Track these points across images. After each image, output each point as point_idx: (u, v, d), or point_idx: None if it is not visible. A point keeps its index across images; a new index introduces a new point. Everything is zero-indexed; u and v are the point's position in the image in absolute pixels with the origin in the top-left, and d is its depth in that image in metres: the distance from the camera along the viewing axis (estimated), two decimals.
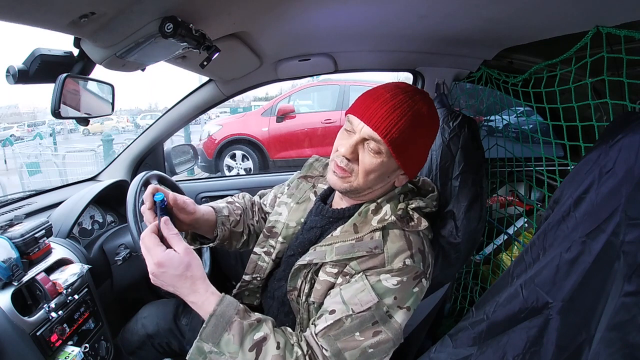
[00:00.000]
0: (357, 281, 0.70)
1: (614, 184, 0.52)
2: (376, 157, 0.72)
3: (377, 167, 0.73)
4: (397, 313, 0.69)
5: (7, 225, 0.94)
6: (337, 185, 0.78)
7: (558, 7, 0.77)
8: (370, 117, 0.70)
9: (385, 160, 0.72)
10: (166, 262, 0.65)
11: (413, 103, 0.71)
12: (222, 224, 0.93)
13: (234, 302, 0.68)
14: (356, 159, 0.74)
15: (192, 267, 0.66)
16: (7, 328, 0.78)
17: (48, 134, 11.05)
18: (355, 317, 0.67)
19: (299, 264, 0.77)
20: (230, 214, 0.97)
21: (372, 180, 0.75)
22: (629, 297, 0.46)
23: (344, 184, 0.76)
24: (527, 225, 1.51)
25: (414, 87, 0.75)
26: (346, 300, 0.69)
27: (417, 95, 0.73)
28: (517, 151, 1.32)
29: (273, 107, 5.30)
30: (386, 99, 0.71)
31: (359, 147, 0.73)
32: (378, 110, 0.70)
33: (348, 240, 0.74)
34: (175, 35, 0.68)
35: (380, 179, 0.76)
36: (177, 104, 1.59)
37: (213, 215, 0.93)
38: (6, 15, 0.58)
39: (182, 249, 0.67)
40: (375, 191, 0.79)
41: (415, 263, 0.71)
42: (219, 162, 5.19)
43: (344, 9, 0.90)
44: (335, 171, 0.76)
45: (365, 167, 0.73)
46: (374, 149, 0.71)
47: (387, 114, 0.70)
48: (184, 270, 0.65)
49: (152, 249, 0.66)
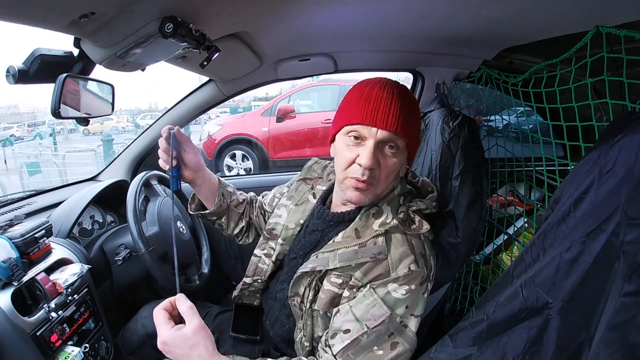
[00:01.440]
0: (365, 296, 0.70)
1: (614, 184, 0.52)
2: (396, 156, 0.72)
3: (398, 166, 0.74)
4: (411, 321, 0.70)
5: (7, 225, 0.94)
6: (361, 201, 0.75)
7: (558, 7, 0.77)
8: (381, 120, 0.69)
9: (401, 156, 0.73)
10: (170, 342, 0.65)
11: (397, 89, 0.72)
12: (222, 195, 0.95)
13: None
14: (378, 166, 0.72)
15: (198, 347, 0.65)
16: (7, 328, 0.78)
17: (48, 134, 11.04)
18: (370, 333, 0.68)
19: (301, 272, 0.77)
20: (234, 193, 1.01)
21: (391, 181, 0.75)
22: (629, 297, 0.46)
23: (368, 196, 0.74)
24: (527, 225, 1.51)
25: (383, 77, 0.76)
26: (359, 317, 0.69)
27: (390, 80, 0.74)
28: (517, 151, 1.31)
29: (273, 107, 5.30)
30: (382, 97, 0.70)
31: (377, 154, 0.71)
32: (384, 109, 0.69)
33: (351, 246, 0.73)
34: (175, 35, 0.68)
35: (396, 177, 0.77)
36: (177, 104, 1.59)
37: (216, 182, 0.96)
38: (6, 15, 0.58)
39: (192, 327, 0.65)
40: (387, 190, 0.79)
41: (420, 268, 0.71)
42: (219, 162, 5.19)
43: (344, 9, 0.90)
44: (358, 187, 0.72)
45: (388, 170, 0.73)
46: (392, 150, 0.71)
47: (393, 109, 0.69)
48: (189, 350, 0.65)
49: (160, 327, 0.66)
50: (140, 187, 1.12)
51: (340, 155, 0.75)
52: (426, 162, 1.05)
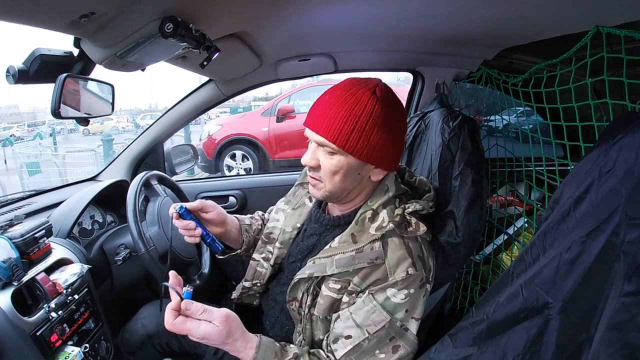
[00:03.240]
0: (365, 302, 0.71)
1: (614, 184, 0.52)
2: (332, 157, 0.72)
3: (337, 167, 0.72)
4: (411, 324, 0.71)
5: (7, 225, 0.94)
6: (315, 195, 0.80)
7: (558, 7, 0.77)
8: (313, 123, 0.73)
9: (342, 158, 0.72)
10: (206, 336, 0.67)
11: (350, 95, 0.70)
12: (245, 231, 0.99)
13: (270, 344, 0.73)
14: (319, 165, 0.75)
15: (231, 333, 0.69)
16: (7, 328, 0.78)
17: (48, 134, 11.04)
18: (372, 338, 0.70)
19: (299, 277, 0.77)
20: (252, 224, 1.03)
21: (340, 181, 0.74)
22: (629, 297, 0.46)
23: (318, 191, 0.78)
24: (527, 225, 1.51)
25: (359, 80, 0.73)
26: (359, 323, 0.70)
27: (356, 86, 0.71)
28: (517, 151, 1.31)
29: (273, 107, 5.31)
30: (325, 100, 0.73)
31: (318, 153, 0.75)
32: (318, 113, 0.72)
33: (347, 251, 0.73)
34: (175, 35, 0.68)
35: (348, 177, 0.74)
36: (177, 104, 1.59)
37: (237, 222, 0.98)
38: (6, 15, 0.58)
39: (218, 320, 0.67)
40: (355, 191, 0.78)
41: (418, 271, 0.71)
42: (219, 162, 5.19)
43: (344, 9, 0.90)
44: (310, 182, 0.80)
45: (326, 170, 0.74)
46: (328, 151, 0.72)
47: (324, 114, 0.71)
48: (224, 339, 0.68)
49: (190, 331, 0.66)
50: (140, 187, 1.12)
51: None
52: (426, 162, 1.05)
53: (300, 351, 0.74)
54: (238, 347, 0.70)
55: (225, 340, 0.68)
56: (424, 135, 1.14)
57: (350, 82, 0.73)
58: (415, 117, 1.22)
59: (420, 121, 1.19)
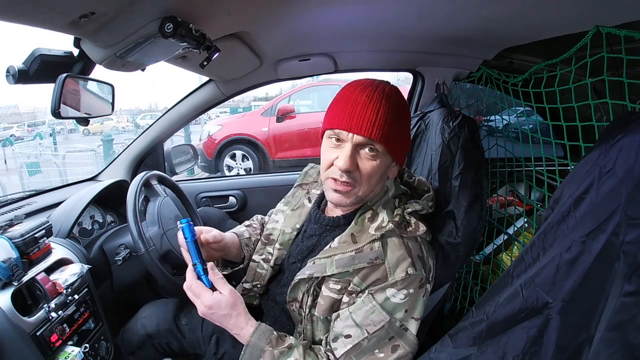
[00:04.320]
0: (364, 302, 0.71)
1: (614, 184, 0.52)
2: (375, 160, 0.72)
3: (378, 169, 0.73)
4: (411, 324, 0.72)
5: (7, 225, 0.93)
6: (342, 202, 0.76)
7: (558, 7, 0.77)
8: (356, 124, 0.70)
9: (382, 159, 0.73)
10: (214, 305, 0.73)
11: (380, 91, 0.72)
12: (246, 245, 0.98)
13: (268, 331, 0.75)
14: (356, 169, 0.73)
15: (237, 305, 0.74)
16: (7, 328, 0.78)
17: (48, 134, 11.04)
18: (371, 337, 0.70)
19: (299, 278, 0.77)
20: (251, 235, 1.02)
21: (374, 183, 0.75)
22: (629, 297, 0.46)
23: (349, 198, 0.75)
24: (527, 225, 1.51)
25: (372, 79, 0.76)
26: (359, 323, 0.71)
27: (376, 82, 0.75)
28: (517, 151, 1.31)
29: (273, 107, 5.30)
30: (359, 101, 0.71)
31: (357, 157, 0.72)
32: (359, 114, 0.70)
33: (347, 252, 0.73)
34: (175, 35, 0.68)
35: (380, 179, 0.77)
36: (177, 104, 1.59)
37: (237, 238, 0.98)
38: (6, 15, 0.58)
39: (228, 291, 0.74)
40: (374, 192, 0.79)
41: (417, 271, 0.71)
42: (219, 162, 5.19)
43: (344, 9, 0.90)
44: (337, 189, 0.74)
45: (367, 173, 0.73)
46: (371, 153, 0.72)
47: (368, 114, 0.70)
48: (230, 310, 0.73)
49: (201, 295, 0.73)
50: (140, 187, 1.12)
51: (323, 156, 0.78)
52: (426, 162, 1.05)
53: (296, 343, 0.74)
54: (240, 322, 0.74)
55: (231, 311, 0.73)
56: (424, 135, 1.14)
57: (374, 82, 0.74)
58: (415, 117, 1.22)
59: (420, 121, 1.19)
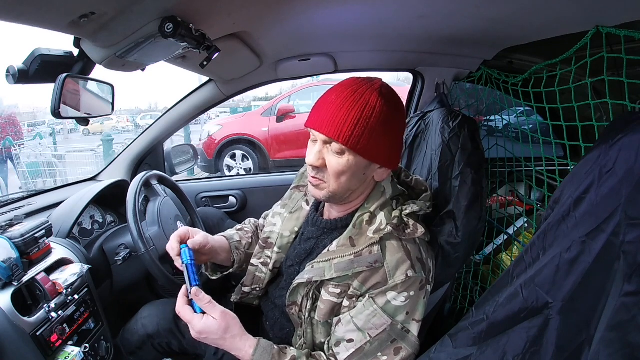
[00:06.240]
0: (365, 306, 0.71)
1: (614, 184, 0.52)
2: (340, 157, 0.71)
3: (345, 167, 0.72)
4: (412, 326, 0.72)
5: (7, 225, 0.93)
6: (316, 195, 0.78)
7: (558, 7, 0.77)
8: (321, 124, 0.70)
9: (350, 158, 0.71)
10: (205, 330, 0.71)
11: (359, 96, 0.70)
12: (236, 249, 0.97)
13: (268, 346, 0.74)
14: (324, 165, 0.73)
15: (230, 328, 0.72)
16: (7, 328, 0.78)
17: (48, 134, 11.03)
18: (373, 341, 0.71)
19: (298, 282, 0.77)
20: (242, 239, 1.00)
21: (345, 182, 0.74)
22: (629, 297, 0.46)
23: (321, 192, 0.76)
24: (527, 225, 1.51)
25: (362, 79, 0.73)
26: (361, 327, 0.71)
27: (363, 86, 0.71)
28: (517, 151, 1.31)
29: (273, 107, 5.31)
30: (331, 101, 0.71)
31: (324, 153, 0.73)
32: (326, 114, 0.70)
33: (346, 255, 0.73)
34: (175, 35, 0.68)
35: (354, 178, 0.74)
36: (177, 104, 1.59)
37: (226, 242, 0.96)
38: (6, 15, 0.58)
39: (218, 314, 0.72)
40: (358, 192, 0.78)
41: (417, 273, 0.71)
42: (219, 162, 5.20)
43: (344, 9, 0.90)
44: (311, 182, 0.77)
45: (333, 170, 0.72)
46: (336, 150, 0.71)
47: (334, 115, 0.69)
48: (223, 333, 0.72)
49: (191, 321, 0.72)
50: (140, 187, 1.12)
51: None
52: (426, 162, 1.05)
53: (298, 354, 0.74)
54: (237, 344, 0.72)
55: (224, 334, 0.71)
56: (424, 135, 1.14)
57: (355, 82, 0.73)
58: (415, 117, 1.22)
59: (420, 121, 1.19)
